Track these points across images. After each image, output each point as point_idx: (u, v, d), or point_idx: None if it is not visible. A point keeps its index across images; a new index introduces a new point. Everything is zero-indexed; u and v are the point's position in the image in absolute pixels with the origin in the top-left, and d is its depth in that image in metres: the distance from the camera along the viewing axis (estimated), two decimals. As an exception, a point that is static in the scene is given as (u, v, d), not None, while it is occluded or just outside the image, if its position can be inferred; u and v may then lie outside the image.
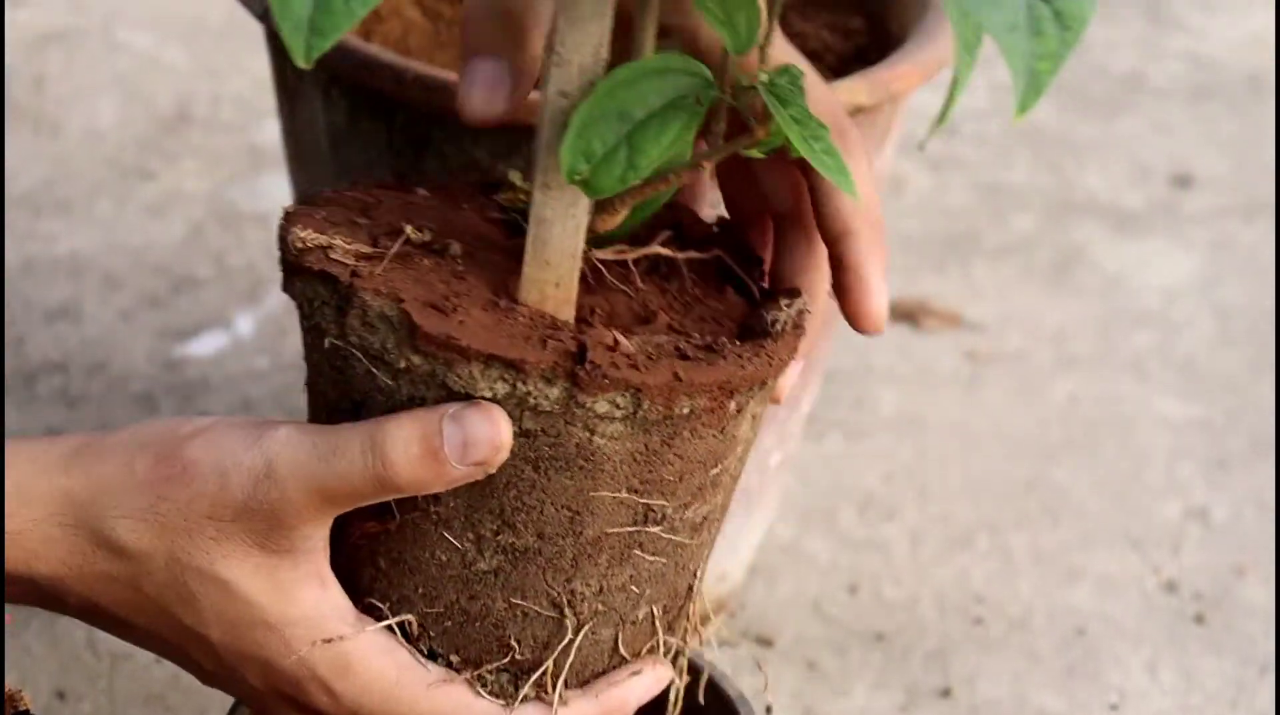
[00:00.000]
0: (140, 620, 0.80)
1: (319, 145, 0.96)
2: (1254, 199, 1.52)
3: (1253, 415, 1.30)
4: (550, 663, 0.74)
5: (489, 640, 0.75)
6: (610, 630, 0.76)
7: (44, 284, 1.33)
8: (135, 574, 0.77)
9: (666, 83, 0.72)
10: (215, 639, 0.78)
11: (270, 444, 0.73)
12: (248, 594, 0.76)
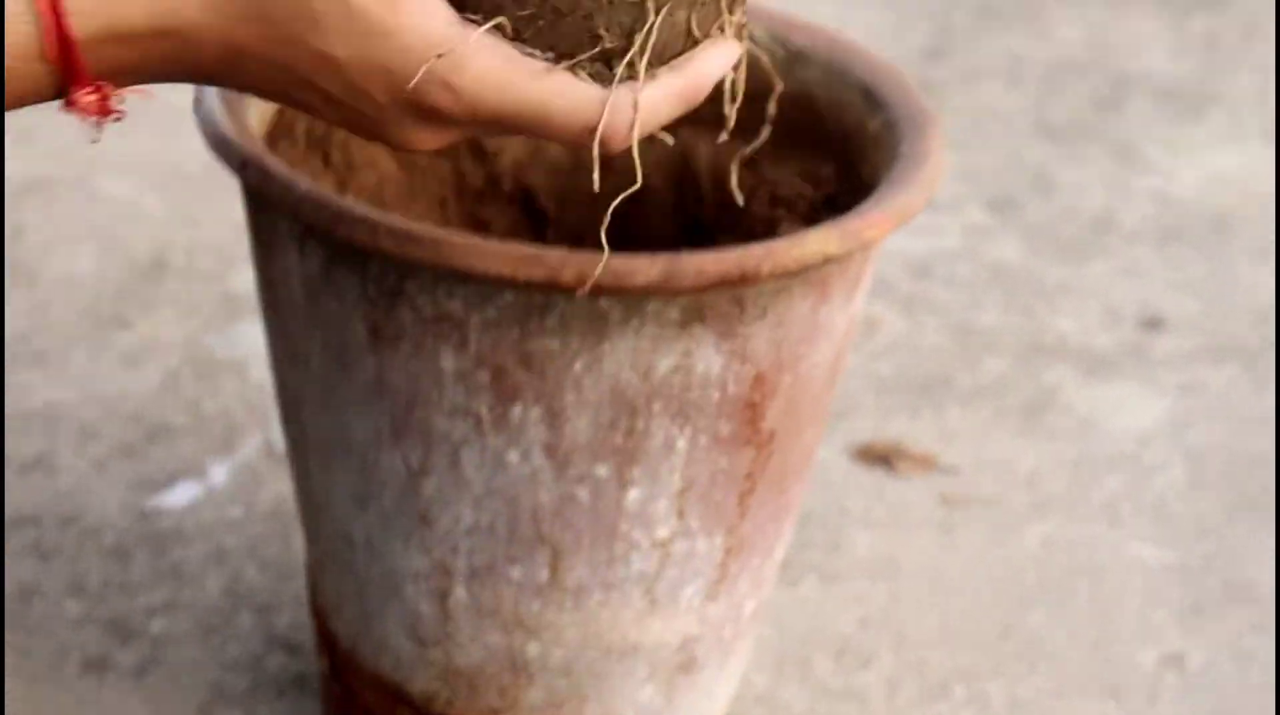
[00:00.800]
0: (275, 53, 0.83)
1: (294, 295, 0.96)
2: (1224, 341, 1.53)
3: (1226, 560, 1.31)
4: (636, 45, 0.80)
5: (580, 33, 0.80)
6: (684, 11, 0.81)
7: (18, 436, 1.33)
8: (266, 6, 0.81)
9: None
10: (342, 57, 0.81)
11: None
12: (365, 5, 0.80)
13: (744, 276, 0.88)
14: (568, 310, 0.89)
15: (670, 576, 0.99)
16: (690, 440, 0.94)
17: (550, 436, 0.93)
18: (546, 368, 0.91)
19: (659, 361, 0.91)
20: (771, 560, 1.04)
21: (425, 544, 0.98)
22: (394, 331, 0.92)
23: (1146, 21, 2.01)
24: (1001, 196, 1.70)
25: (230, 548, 1.25)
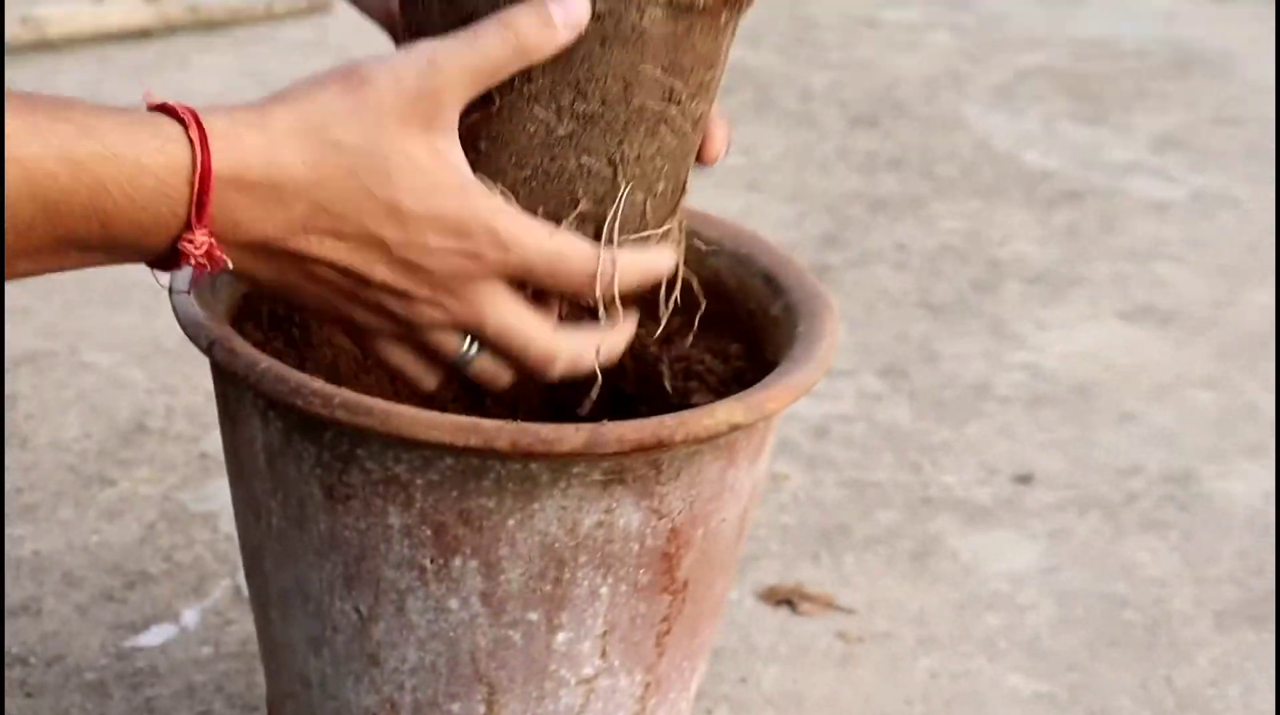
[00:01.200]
0: (351, 207, 0.87)
1: (256, 460, 0.96)
2: (1087, 495, 1.54)
3: (1091, 690, 1.30)
4: (611, 212, 0.90)
5: (563, 196, 0.90)
6: (641, 195, 0.91)
7: (9, 583, 1.32)
8: (351, 164, 0.86)
9: None
10: (407, 206, 0.87)
11: (423, 47, 0.88)
12: (426, 164, 0.87)
13: (660, 443, 0.88)
14: (502, 473, 0.89)
15: (595, 710, 0.98)
16: (612, 588, 0.93)
17: (487, 586, 0.92)
18: (483, 524, 0.90)
19: (584, 518, 0.91)
20: (687, 694, 1.03)
21: (374, 682, 0.97)
22: (346, 492, 0.91)
23: (1016, 214, 2.03)
24: (891, 366, 1.71)
25: (200, 684, 1.23)
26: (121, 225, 0.83)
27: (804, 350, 0.98)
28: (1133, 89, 2.38)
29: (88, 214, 0.81)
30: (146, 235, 0.84)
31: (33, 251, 0.81)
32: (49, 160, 0.80)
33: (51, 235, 0.81)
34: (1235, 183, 2.14)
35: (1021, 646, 1.35)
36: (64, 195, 0.81)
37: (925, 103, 2.30)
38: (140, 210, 0.83)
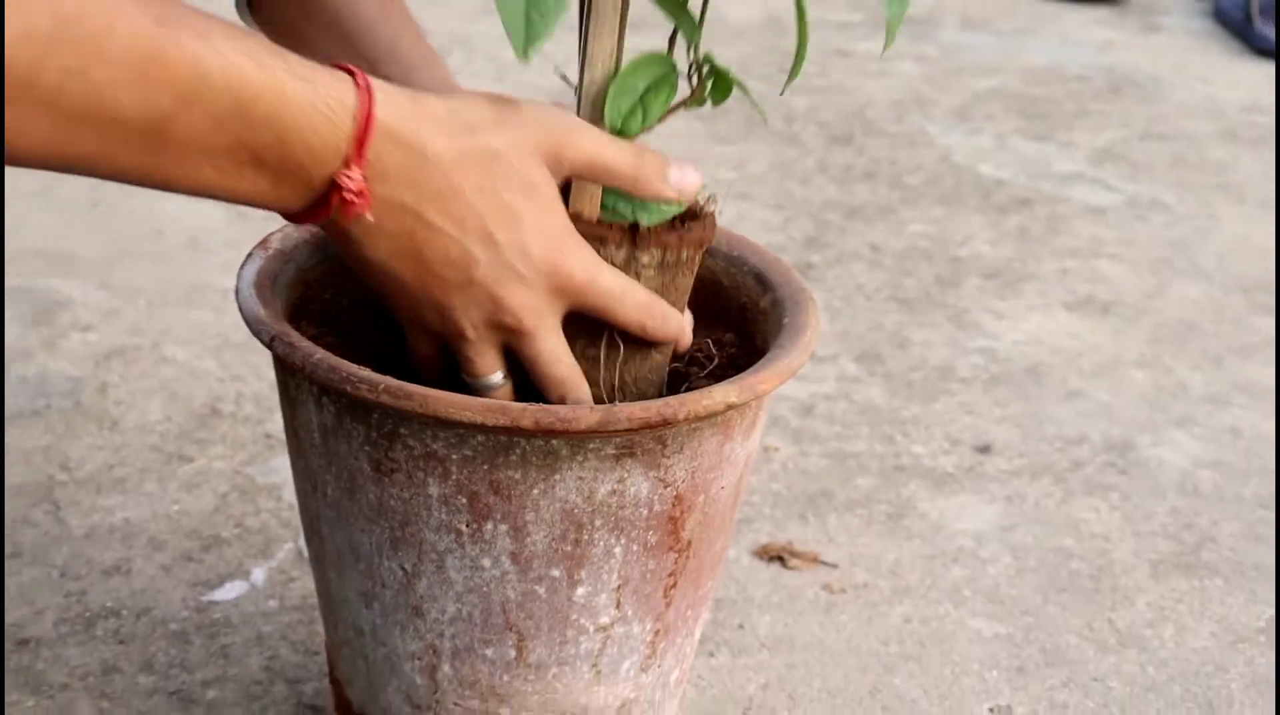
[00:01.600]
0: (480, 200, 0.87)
1: (313, 438, 0.95)
2: (1038, 462, 1.54)
3: (1043, 631, 1.30)
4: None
5: None
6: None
7: (102, 547, 1.32)
8: (489, 163, 0.86)
9: (653, 69, 0.92)
10: (527, 218, 0.88)
11: (569, 114, 0.91)
12: (546, 192, 0.88)
13: (665, 421, 0.88)
14: (527, 448, 0.88)
15: (611, 654, 0.97)
16: (625, 548, 0.93)
17: (515, 546, 0.91)
18: (511, 493, 0.90)
19: (599, 487, 0.90)
20: (691, 639, 1.03)
21: (418, 631, 0.96)
22: (391, 466, 0.91)
23: (974, 219, 2.02)
24: (866, 352, 1.71)
25: (267, 633, 1.23)
26: (294, 142, 0.81)
27: (790, 339, 0.98)
28: (1074, 109, 2.38)
29: (270, 119, 0.79)
30: (314, 159, 0.82)
31: (222, 151, 0.79)
32: (246, 61, 0.79)
33: (237, 137, 0.79)
34: (1164, 190, 2.13)
35: (983, 594, 1.34)
36: (253, 94, 0.79)
37: (893, 122, 2.30)
38: (312, 132, 0.81)
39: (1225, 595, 1.36)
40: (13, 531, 1.33)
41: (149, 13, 0.75)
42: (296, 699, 1.17)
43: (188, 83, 0.76)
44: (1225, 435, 1.59)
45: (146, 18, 0.74)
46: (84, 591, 1.27)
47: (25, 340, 1.60)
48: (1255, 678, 1.26)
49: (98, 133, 0.74)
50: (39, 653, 1.20)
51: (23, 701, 1.15)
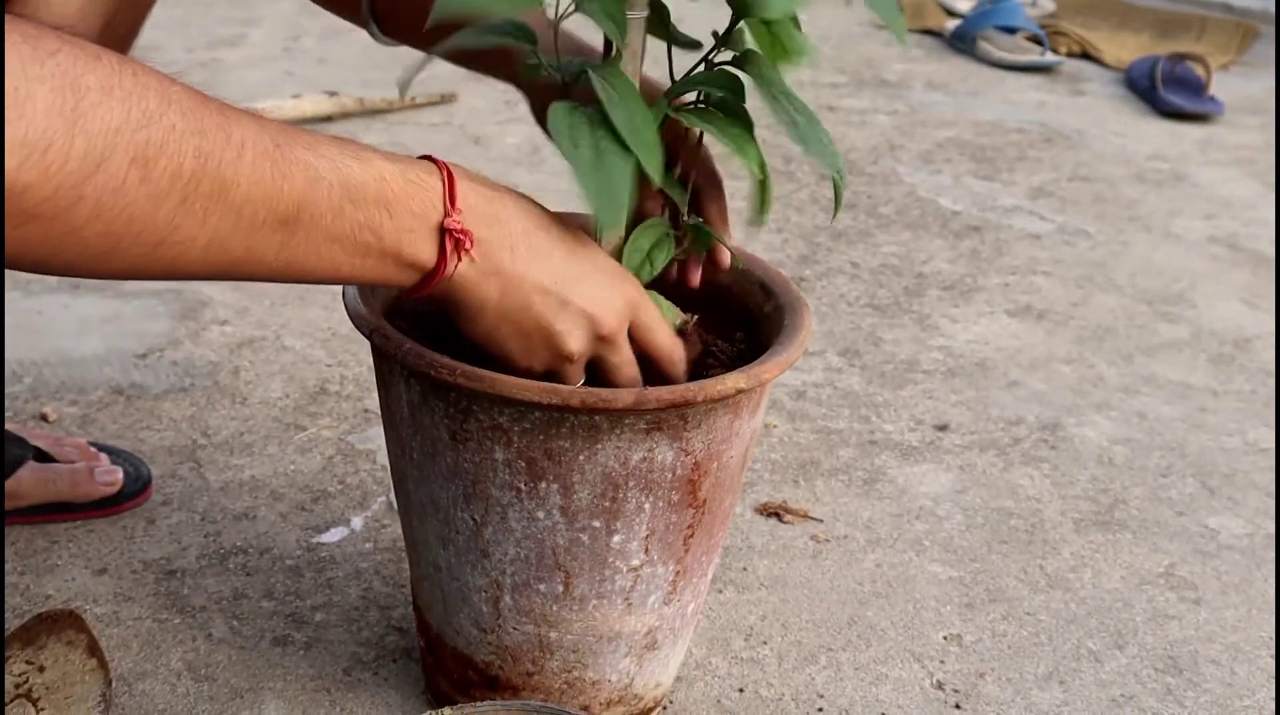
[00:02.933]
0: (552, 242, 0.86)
1: (402, 412, 0.95)
2: (985, 439, 1.52)
3: (988, 575, 1.29)
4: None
5: None
6: None
7: (234, 497, 1.31)
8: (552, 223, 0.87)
9: (656, 232, 0.95)
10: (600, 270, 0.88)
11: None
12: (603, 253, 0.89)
13: (687, 402, 0.87)
14: (575, 422, 0.88)
15: (640, 590, 0.97)
16: (652, 504, 0.92)
17: (564, 502, 0.91)
18: (561, 458, 0.89)
19: (633, 454, 0.89)
20: (705, 578, 1.02)
21: (485, 569, 0.96)
22: (464, 435, 0.90)
23: (934, 242, 2.01)
24: (848, 348, 1.69)
25: (364, 569, 1.23)
26: (401, 212, 0.79)
27: (788, 337, 0.98)
28: (1015, 155, 2.36)
29: (377, 200, 0.78)
30: (419, 220, 0.80)
31: (346, 235, 0.77)
32: (349, 159, 0.78)
33: (355, 219, 0.77)
34: (1086, 221, 2.12)
35: (939, 545, 1.33)
36: (360, 183, 0.77)
37: (871, 164, 2.28)
38: (411, 200, 0.80)
39: (1133, 546, 1.35)
40: (163, 484, 1.32)
41: (265, 137, 0.73)
42: (387, 622, 1.16)
43: (305, 185, 0.74)
44: (1134, 418, 1.58)
45: (265, 141, 0.73)
46: (219, 533, 1.26)
47: (175, 332, 1.60)
48: (1155, 612, 1.25)
49: (243, 237, 0.72)
50: (184, 581, 1.19)
51: (171, 620, 1.15)
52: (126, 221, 0.66)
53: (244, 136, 0.71)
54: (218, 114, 0.70)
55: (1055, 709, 1.12)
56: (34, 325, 1.58)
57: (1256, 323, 1.82)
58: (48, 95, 0.61)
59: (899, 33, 0.86)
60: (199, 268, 0.72)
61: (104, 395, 1.47)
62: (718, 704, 1.10)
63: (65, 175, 0.62)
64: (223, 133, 0.69)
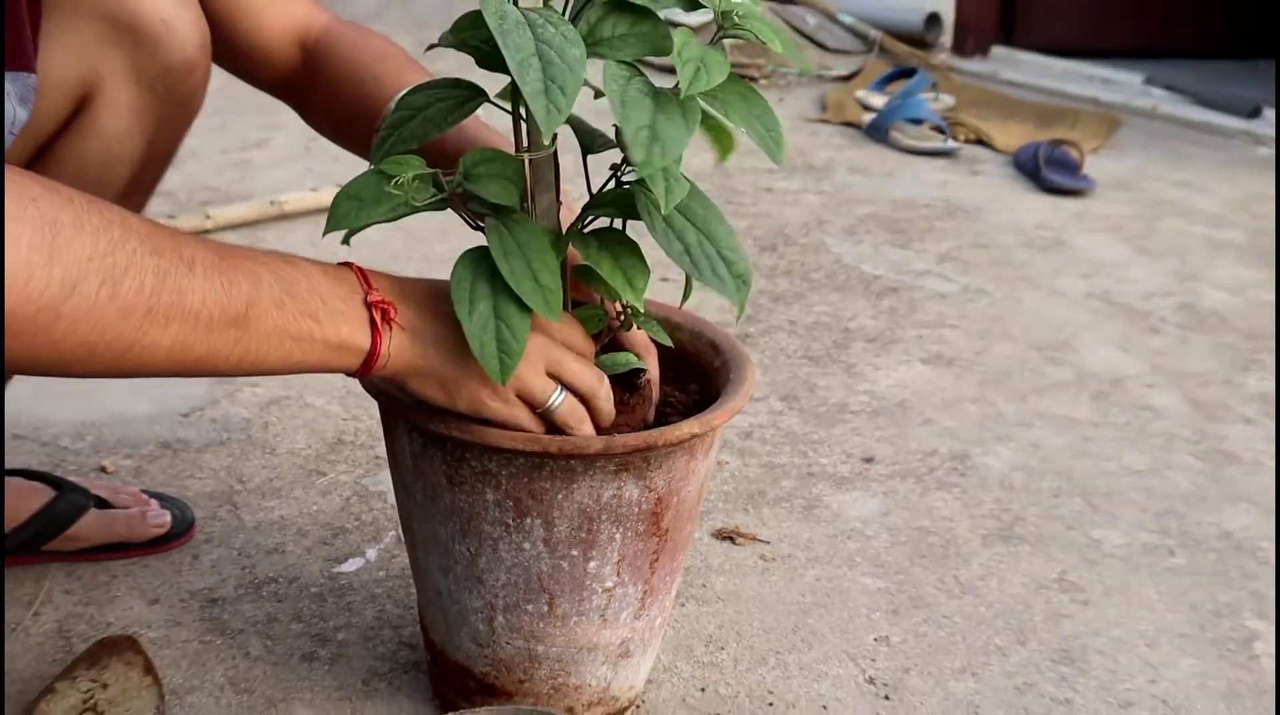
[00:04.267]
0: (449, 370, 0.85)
1: (406, 460, 0.94)
2: (905, 468, 1.52)
3: (911, 585, 1.29)
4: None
5: None
6: None
7: (266, 535, 1.30)
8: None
9: (594, 312, 0.93)
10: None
11: None
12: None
13: (649, 446, 0.87)
14: (554, 466, 0.87)
15: (614, 608, 0.96)
16: (622, 534, 0.91)
17: (546, 534, 0.90)
18: (543, 497, 0.88)
19: (604, 492, 0.89)
20: (669, 595, 1.02)
21: (480, 593, 0.95)
22: (460, 480, 0.89)
23: (859, 302, 2.01)
24: (787, 394, 1.69)
25: (378, 593, 1.21)
26: (330, 297, 0.80)
27: (735, 388, 0.97)
28: (924, 226, 2.37)
29: (310, 291, 0.79)
30: (347, 302, 0.80)
31: (290, 324, 0.77)
32: (284, 264, 0.79)
33: (296, 310, 0.78)
34: (985, 281, 2.13)
35: (869, 560, 1.32)
36: (294, 280, 0.79)
37: (803, 236, 2.29)
38: (336, 285, 0.81)
39: (1031, 556, 1.35)
40: (205, 525, 1.31)
41: (213, 253, 0.74)
42: (398, 639, 1.15)
43: (249, 287, 0.75)
44: (1029, 447, 1.58)
45: (212, 256, 0.74)
46: (254, 565, 1.25)
47: (213, 393, 1.59)
48: (1050, 612, 1.25)
49: (202, 337, 0.73)
50: (224, 608, 1.18)
51: (214, 641, 1.13)
52: (100, 333, 0.67)
53: (194, 253, 0.73)
54: (171, 238, 0.72)
55: (969, 698, 1.12)
56: (93, 391, 1.57)
57: (1129, 365, 1.83)
58: (30, 234, 0.64)
59: (776, 153, 0.81)
60: (166, 367, 0.73)
61: (154, 449, 1.45)
62: (683, 702, 1.09)
63: (46, 299, 0.64)
64: (176, 253, 0.71)
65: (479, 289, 0.81)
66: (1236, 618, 1.25)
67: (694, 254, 0.84)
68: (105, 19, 0.96)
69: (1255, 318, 2.01)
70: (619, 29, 0.79)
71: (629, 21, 0.79)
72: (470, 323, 0.80)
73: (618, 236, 0.88)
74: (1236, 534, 1.41)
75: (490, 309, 0.81)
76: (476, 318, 0.80)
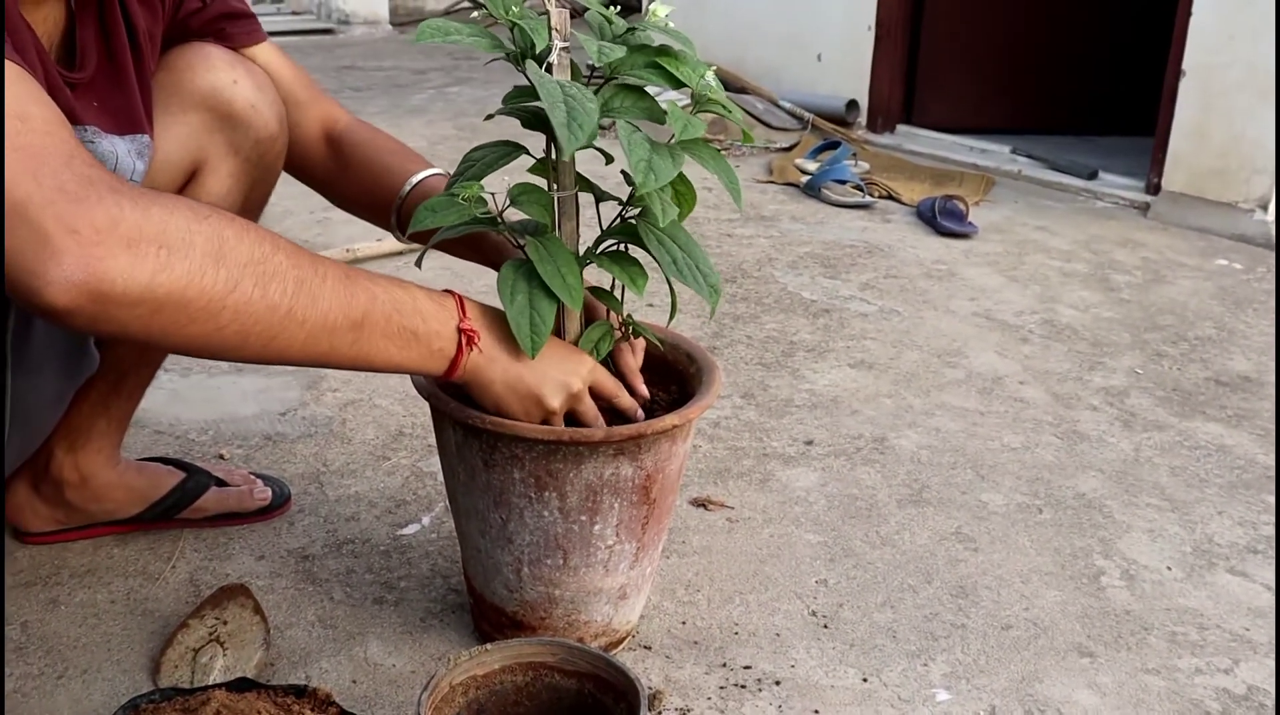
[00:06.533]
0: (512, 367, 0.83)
1: (451, 448, 0.93)
2: (837, 449, 1.51)
3: (842, 540, 1.27)
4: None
5: None
6: None
7: (345, 506, 1.28)
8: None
9: (601, 329, 0.92)
10: (568, 358, 0.86)
11: None
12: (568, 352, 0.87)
13: (640, 435, 0.86)
14: (567, 451, 0.85)
15: (614, 561, 0.94)
16: (620, 504, 0.90)
17: (561, 505, 0.88)
18: (558, 475, 0.87)
19: (605, 471, 0.87)
20: (658, 550, 1.00)
21: (510, 551, 0.93)
22: (494, 462, 0.88)
23: (800, 321, 2.00)
24: (747, 392, 1.67)
25: (431, 551, 1.19)
26: (430, 318, 0.80)
27: (706, 388, 0.96)
28: (849, 262, 2.36)
29: (414, 311, 0.79)
30: (442, 323, 0.80)
31: (395, 334, 0.77)
32: (395, 286, 0.79)
33: (400, 324, 0.78)
34: (897, 304, 2.11)
35: (810, 520, 1.31)
36: (401, 299, 0.79)
37: (756, 271, 2.27)
38: (437, 310, 0.80)
39: (934, 517, 1.33)
40: (298, 499, 1.29)
41: (340, 270, 0.74)
42: (447, 586, 1.13)
43: (367, 301, 0.75)
44: (933, 432, 1.56)
45: (339, 273, 0.74)
46: (335, 529, 1.23)
47: (304, 397, 1.57)
48: (949, 558, 1.23)
49: (328, 335, 0.73)
50: (313, 563, 1.16)
51: (306, 588, 1.11)
52: (252, 323, 0.67)
53: (326, 270, 0.73)
54: (309, 256, 0.73)
55: (888, 625, 1.10)
56: (213, 397, 1.54)
57: (1005, 367, 1.82)
58: (204, 242, 0.65)
59: (737, 198, 0.85)
60: (300, 356, 0.73)
61: (259, 441, 1.43)
62: (669, 633, 1.07)
63: (214, 293, 0.66)
64: (312, 267, 0.72)
65: (519, 286, 0.84)
66: (1088, 559, 1.24)
67: (680, 265, 0.88)
68: (209, 109, 0.96)
69: (1097, 329, 2.00)
70: (626, 103, 0.84)
71: (634, 98, 0.85)
72: (511, 308, 0.83)
73: (624, 254, 0.90)
74: (1088, 494, 1.39)
75: (526, 300, 0.83)
76: (516, 306, 0.83)
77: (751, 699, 0.98)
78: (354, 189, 1.06)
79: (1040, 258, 2.42)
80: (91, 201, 0.60)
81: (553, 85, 0.77)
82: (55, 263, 0.59)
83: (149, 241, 0.62)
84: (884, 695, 1.00)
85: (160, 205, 0.64)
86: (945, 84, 3.51)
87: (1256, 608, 1.16)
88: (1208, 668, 1.06)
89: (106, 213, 0.61)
